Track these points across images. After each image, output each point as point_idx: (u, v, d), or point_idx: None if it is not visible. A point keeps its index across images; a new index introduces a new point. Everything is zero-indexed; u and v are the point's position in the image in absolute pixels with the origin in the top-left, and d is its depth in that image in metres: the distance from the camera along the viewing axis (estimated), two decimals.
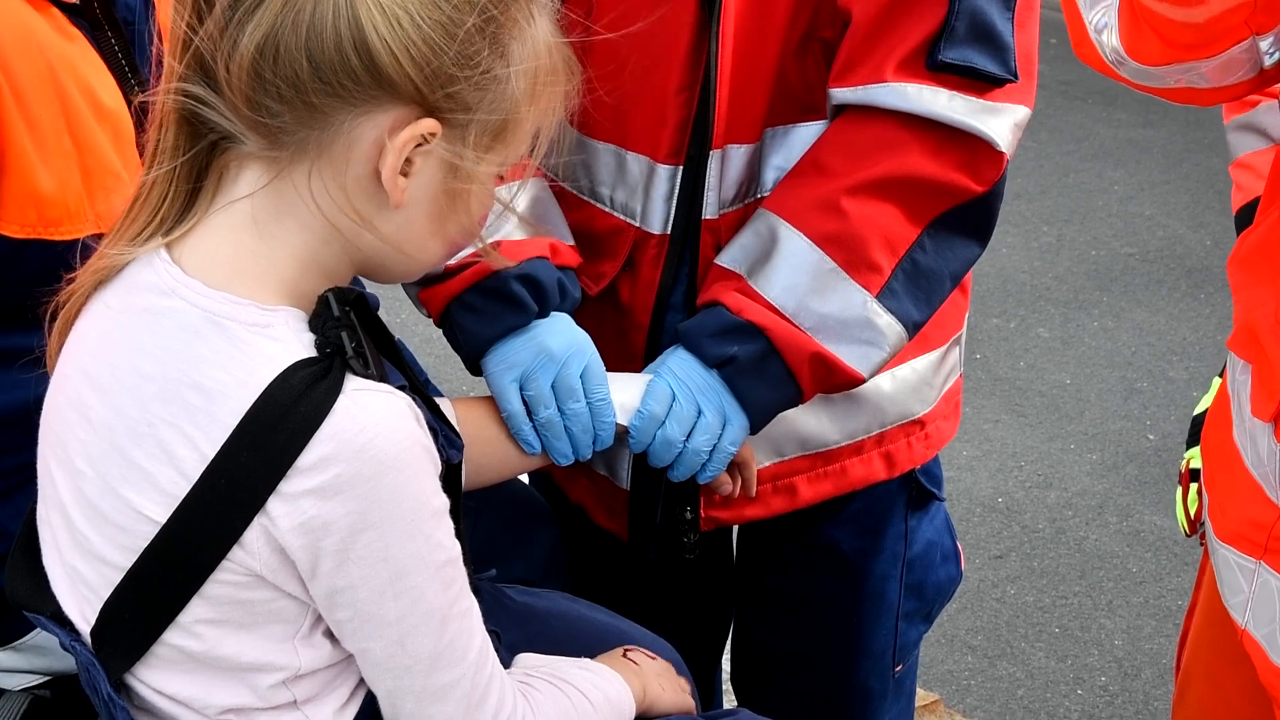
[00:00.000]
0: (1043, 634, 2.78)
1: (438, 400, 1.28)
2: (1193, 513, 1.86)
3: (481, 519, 1.48)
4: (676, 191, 1.42)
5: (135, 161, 1.35)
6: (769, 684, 1.67)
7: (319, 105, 1.00)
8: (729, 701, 1.80)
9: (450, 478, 1.10)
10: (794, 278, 1.36)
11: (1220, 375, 1.82)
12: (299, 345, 1.03)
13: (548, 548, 1.61)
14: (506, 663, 1.23)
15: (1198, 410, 1.77)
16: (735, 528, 1.63)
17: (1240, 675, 1.29)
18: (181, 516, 1.01)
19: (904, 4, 1.34)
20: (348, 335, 1.03)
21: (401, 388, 1.06)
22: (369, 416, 1.01)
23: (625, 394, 1.39)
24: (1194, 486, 1.84)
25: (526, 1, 1.06)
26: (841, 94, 1.37)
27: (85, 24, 1.34)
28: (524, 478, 1.64)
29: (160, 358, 1.03)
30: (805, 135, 1.41)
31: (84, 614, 1.09)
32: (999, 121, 1.37)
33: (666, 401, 1.38)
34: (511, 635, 1.31)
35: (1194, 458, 1.82)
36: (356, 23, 0.98)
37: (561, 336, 1.38)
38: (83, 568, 1.08)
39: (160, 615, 1.04)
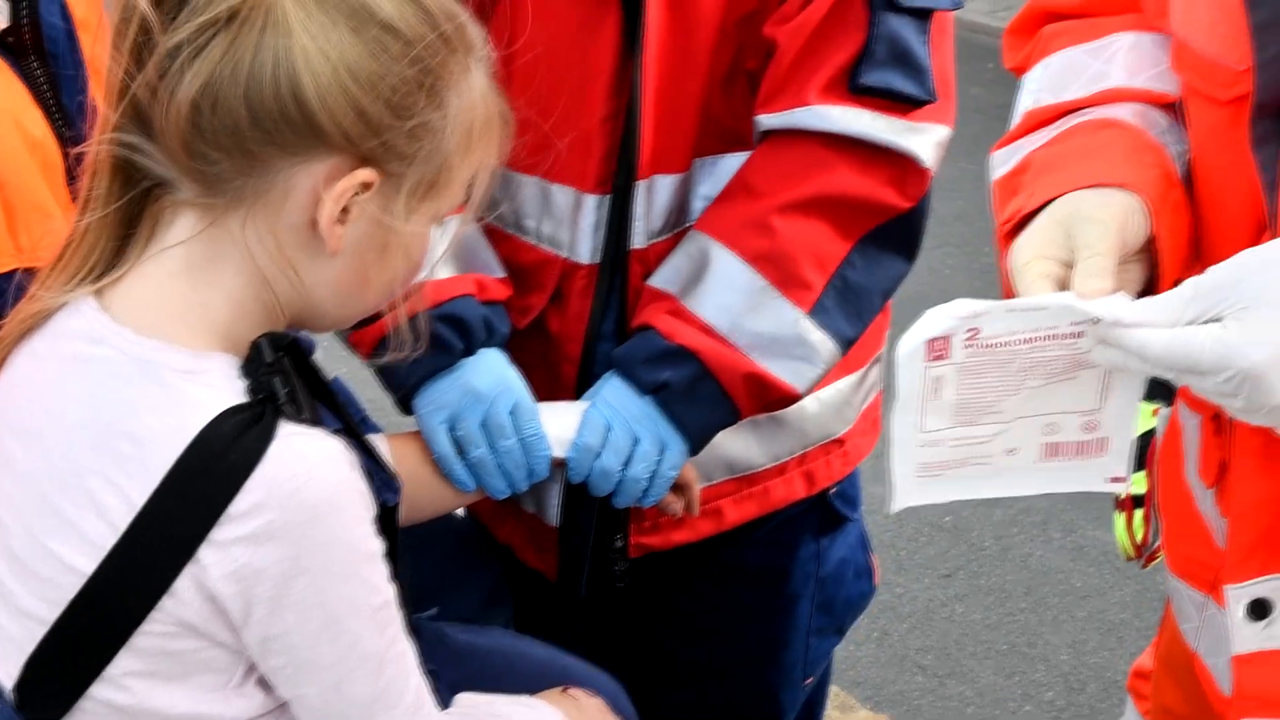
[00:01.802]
0: (991, 651, 2.80)
1: (374, 438, 1.28)
2: (1139, 538, 1.87)
3: (425, 554, 1.48)
4: (604, 222, 1.42)
5: (65, 194, 1.33)
6: (677, 693, 1.67)
7: (257, 153, 1.00)
8: None
9: (386, 519, 1.10)
10: (727, 297, 1.38)
11: (1149, 400, 1.84)
12: (231, 392, 1.02)
13: (490, 581, 1.61)
14: (446, 702, 1.22)
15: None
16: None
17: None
18: (110, 567, 1.00)
19: (825, 31, 1.36)
20: (280, 381, 1.03)
21: (337, 431, 1.06)
22: (301, 462, 1.01)
23: (560, 425, 1.39)
24: (1138, 513, 1.86)
25: (464, 54, 1.06)
26: (767, 120, 1.39)
27: (9, 54, 1.33)
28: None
29: (89, 406, 1.02)
30: (733, 165, 1.42)
31: (7, 670, 1.07)
32: (922, 139, 1.40)
33: (601, 432, 1.38)
34: (452, 674, 1.30)
35: (1133, 483, 1.84)
36: (293, 73, 0.99)
37: (489, 375, 1.38)
38: (6, 622, 1.06)
39: (87, 668, 1.02)
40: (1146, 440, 1.78)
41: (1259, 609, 1.09)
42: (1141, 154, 1.08)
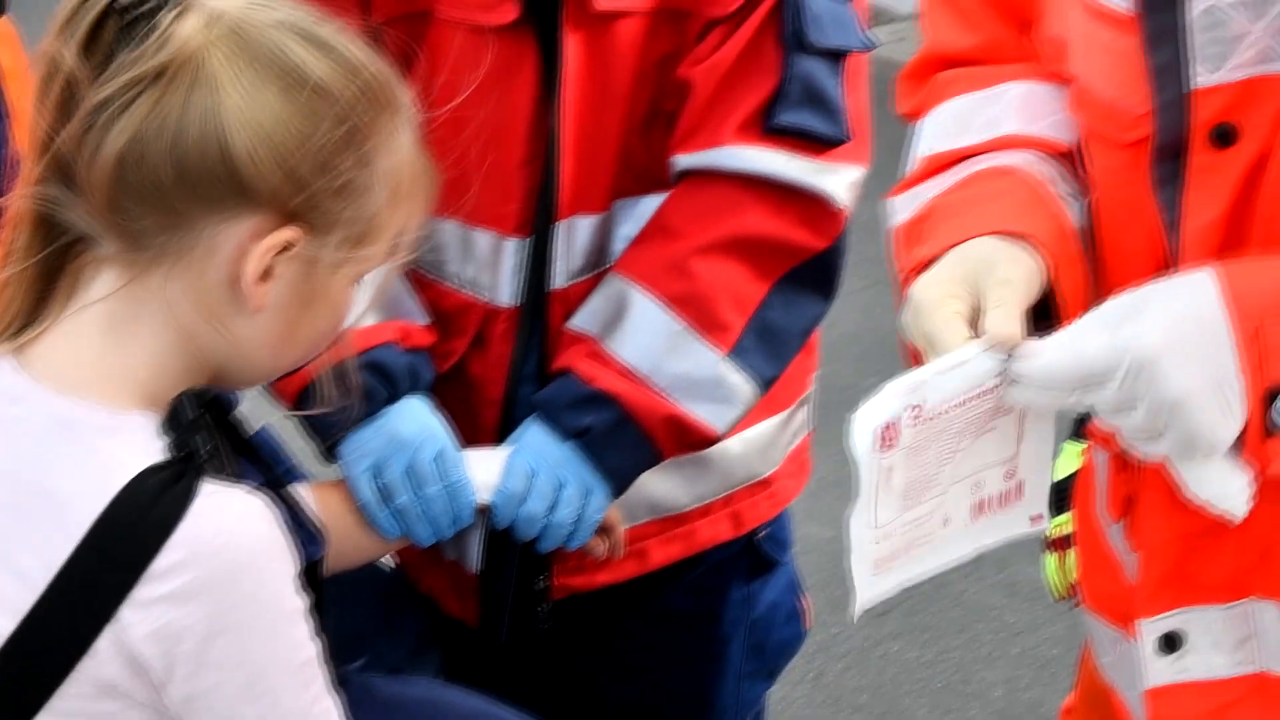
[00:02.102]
0: (926, 689, 2.82)
1: (298, 488, 1.28)
2: (1072, 577, 1.89)
3: (353, 603, 1.47)
4: (525, 264, 1.44)
5: None
6: None
7: (181, 210, 1.01)
8: None
9: (311, 573, 1.10)
10: (647, 339, 1.40)
11: (1073, 439, 1.87)
12: (151, 450, 1.02)
13: (419, 628, 1.60)
14: None
15: (1055, 478, 1.81)
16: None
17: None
18: (28, 628, 0.99)
19: (740, 71, 1.39)
20: (202, 438, 1.03)
21: (260, 486, 1.06)
22: (224, 519, 1.01)
23: (485, 472, 1.40)
24: (1070, 552, 1.88)
25: (391, 113, 1.07)
26: (683, 160, 1.42)
27: None
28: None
29: (6, 465, 1.02)
30: (653, 206, 1.44)
31: None
32: (835, 179, 1.43)
33: (526, 478, 1.39)
34: None
35: (1063, 524, 1.86)
36: (221, 130, 0.99)
37: (413, 422, 1.39)
38: None
39: None
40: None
41: (1169, 642, 1.12)
42: (1038, 206, 1.11)
